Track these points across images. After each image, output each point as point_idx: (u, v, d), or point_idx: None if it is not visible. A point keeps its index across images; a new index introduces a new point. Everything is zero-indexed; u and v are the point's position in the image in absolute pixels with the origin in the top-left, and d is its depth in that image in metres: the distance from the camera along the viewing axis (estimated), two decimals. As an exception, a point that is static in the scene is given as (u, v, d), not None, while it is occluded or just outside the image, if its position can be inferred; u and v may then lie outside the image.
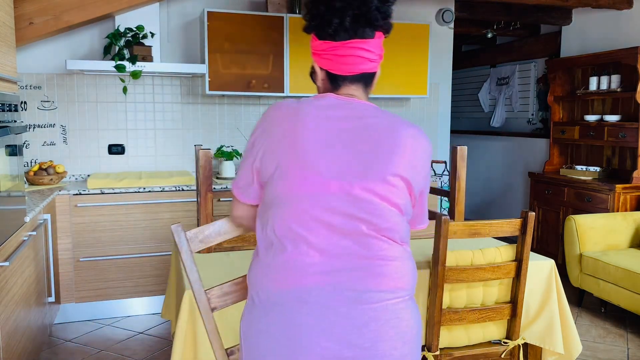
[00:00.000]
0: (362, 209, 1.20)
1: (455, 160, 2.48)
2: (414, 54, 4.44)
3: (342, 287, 1.19)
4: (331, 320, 1.18)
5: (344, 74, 1.30)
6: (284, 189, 1.22)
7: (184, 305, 1.79)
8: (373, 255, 1.21)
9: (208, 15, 3.89)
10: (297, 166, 1.21)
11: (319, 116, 1.24)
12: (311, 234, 1.20)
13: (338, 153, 1.21)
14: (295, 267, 1.21)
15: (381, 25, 1.28)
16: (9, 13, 2.64)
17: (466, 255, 2.04)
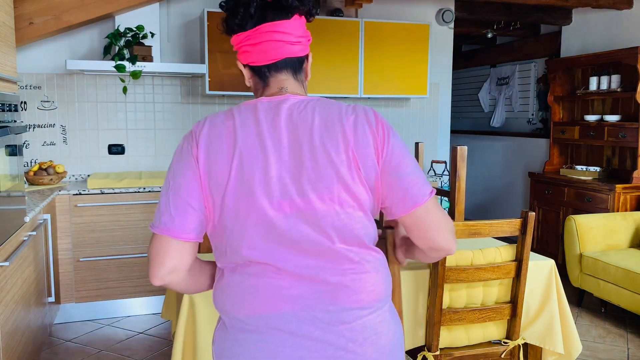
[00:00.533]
0: (325, 221, 1.08)
1: (455, 160, 2.48)
2: (414, 54, 4.44)
3: (313, 309, 1.10)
4: (306, 346, 1.09)
5: (265, 62, 1.18)
6: (236, 214, 1.09)
7: (184, 305, 1.79)
8: (343, 271, 1.10)
9: (208, 15, 3.89)
10: (244, 190, 1.08)
11: (256, 131, 1.10)
12: (276, 257, 1.09)
13: (287, 168, 1.09)
14: (264, 292, 1.10)
15: (296, 6, 1.15)
16: (9, 13, 2.64)
17: (466, 255, 2.04)
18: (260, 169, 1.08)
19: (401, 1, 4.78)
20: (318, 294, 1.10)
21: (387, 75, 4.40)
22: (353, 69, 4.30)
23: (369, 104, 4.79)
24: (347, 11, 4.49)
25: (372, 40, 4.32)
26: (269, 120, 1.11)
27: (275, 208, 1.08)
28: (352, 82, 4.31)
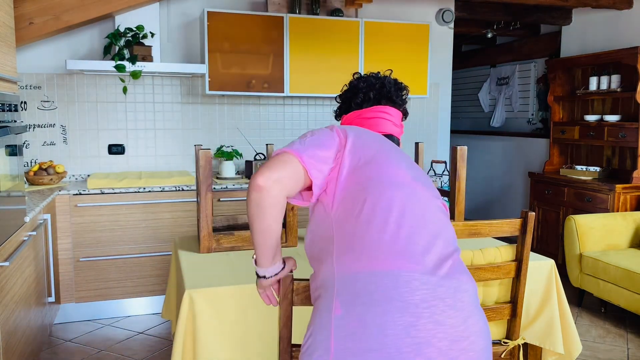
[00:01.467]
0: (438, 204, 1.34)
1: (455, 160, 2.48)
2: (414, 54, 4.44)
3: (447, 275, 1.21)
4: (440, 308, 1.16)
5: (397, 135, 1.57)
6: (381, 176, 1.28)
7: (184, 305, 1.79)
8: (457, 252, 1.30)
9: (208, 15, 3.89)
10: (388, 162, 1.31)
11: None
12: (413, 242, 1.23)
13: (409, 164, 1.36)
14: (402, 278, 1.18)
15: (398, 103, 1.58)
16: (9, 13, 2.64)
17: (466, 255, 2.04)
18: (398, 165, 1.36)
19: (401, 1, 4.78)
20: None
21: (387, 75, 4.39)
22: (353, 69, 4.30)
23: (369, 104, 4.78)
24: (347, 11, 4.50)
25: (372, 40, 4.32)
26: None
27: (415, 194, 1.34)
28: (352, 82, 4.30)
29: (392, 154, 1.32)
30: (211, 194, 2.26)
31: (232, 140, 4.43)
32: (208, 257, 2.21)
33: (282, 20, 4.08)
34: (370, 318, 1.13)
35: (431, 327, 1.12)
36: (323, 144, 1.27)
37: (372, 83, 1.55)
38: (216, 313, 1.82)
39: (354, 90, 1.58)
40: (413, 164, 1.36)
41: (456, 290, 1.18)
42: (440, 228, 1.26)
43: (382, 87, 1.56)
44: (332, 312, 1.18)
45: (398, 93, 1.59)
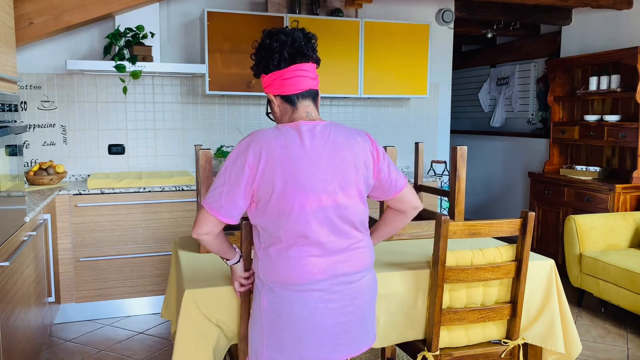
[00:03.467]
0: (346, 211, 1.60)
1: (455, 160, 2.48)
2: (414, 54, 4.44)
3: (339, 274, 1.60)
4: (332, 299, 1.59)
5: (295, 92, 1.65)
6: (290, 208, 1.53)
7: (184, 305, 1.80)
8: (354, 247, 1.63)
9: (208, 15, 3.89)
10: (295, 185, 1.53)
11: (302, 146, 1.56)
12: (316, 236, 1.56)
13: (324, 173, 1.56)
14: (307, 264, 1.56)
15: (311, 56, 1.73)
16: (9, 13, 2.64)
17: (466, 255, 2.04)
18: (307, 173, 1.54)
19: (401, 1, 4.78)
20: (342, 264, 1.62)
21: (387, 75, 4.40)
22: (353, 69, 4.30)
23: (369, 103, 4.79)
24: (347, 11, 4.50)
25: (372, 40, 4.32)
26: (308, 139, 1.58)
27: (318, 201, 1.55)
28: (352, 82, 4.31)
29: (303, 170, 1.54)
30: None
31: (232, 140, 4.43)
32: (208, 257, 2.21)
33: (282, 20, 4.08)
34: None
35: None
36: (232, 188, 1.54)
37: (284, 41, 1.63)
38: (216, 313, 1.82)
39: (269, 50, 1.64)
40: (328, 166, 1.57)
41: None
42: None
43: (293, 43, 1.65)
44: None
45: (308, 45, 1.71)
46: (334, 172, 1.57)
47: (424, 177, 4.49)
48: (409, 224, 2.56)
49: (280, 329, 1.58)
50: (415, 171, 2.88)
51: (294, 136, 1.57)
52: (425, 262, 2.15)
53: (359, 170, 1.61)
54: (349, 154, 1.60)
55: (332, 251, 1.58)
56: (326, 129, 1.62)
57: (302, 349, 1.58)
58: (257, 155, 1.53)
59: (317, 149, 1.57)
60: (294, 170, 1.53)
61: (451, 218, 2.46)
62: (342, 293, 1.60)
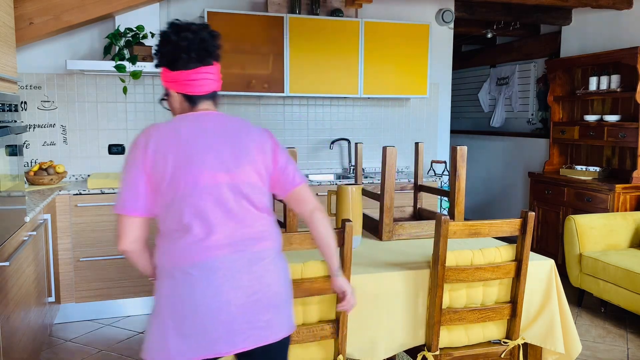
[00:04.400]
0: (246, 189, 1.57)
1: (455, 160, 2.48)
2: (414, 54, 4.44)
3: (240, 253, 1.55)
4: (236, 277, 1.53)
5: (199, 94, 1.64)
6: (184, 187, 1.52)
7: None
8: (255, 225, 1.59)
9: (208, 15, 3.89)
10: (188, 165, 1.53)
11: (195, 129, 1.59)
12: (212, 217, 1.53)
13: (217, 151, 1.56)
14: (206, 245, 1.52)
15: (217, 54, 1.67)
16: (9, 13, 2.64)
17: (466, 255, 2.04)
18: (202, 152, 1.55)
19: (401, 1, 4.78)
20: (243, 242, 1.59)
21: (387, 75, 4.40)
22: (353, 69, 4.30)
23: (369, 103, 4.79)
24: (347, 11, 4.50)
25: (372, 40, 4.32)
26: (203, 122, 1.61)
27: (214, 180, 1.54)
28: (352, 82, 4.31)
29: (193, 160, 1.55)
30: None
31: (232, 140, 4.42)
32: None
33: (282, 20, 4.08)
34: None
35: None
36: (132, 186, 1.56)
37: (191, 40, 1.60)
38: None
39: (175, 46, 1.61)
40: (224, 146, 1.58)
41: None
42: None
43: (201, 43, 1.62)
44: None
45: (215, 45, 1.66)
46: (230, 151, 1.57)
47: (424, 177, 4.49)
48: (408, 224, 2.57)
49: (183, 315, 1.50)
50: (415, 171, 2.88)
51: (187, 121, 1.61)
52: (425, 262, 2.15)
53: (257, 153, 1.62)
54: (247, 138, 1.63)
55: (231, 229, 1.54)
56: (221, 116, 1.66)
57: (209, 335, 1.49)
58: (146, 142, 1.58)
59: (212, 131, 1.60)
60: (186, 151, 1.54)
61: (451, 218, 2.46)
62: (246, 271, 1.54)
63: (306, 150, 4.66)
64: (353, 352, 1.99)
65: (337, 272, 1.77)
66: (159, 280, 1.58)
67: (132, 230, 1.55)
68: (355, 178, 2.89)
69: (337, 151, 4.78)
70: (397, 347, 2.06)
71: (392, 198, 2.49)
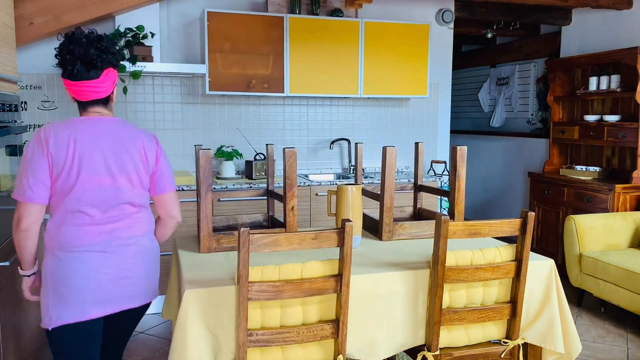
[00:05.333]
0: (124, 194, 1.87)
1: (455, 160, 2.48)
2: (414, 54, 4.44)
3: (114, 238, 1.87)
4: (109, 258, 1.85)
5: (86, 100, 1.94)
6: (74, 185, 1.80)
7: (183, 304, 1.80)
8: (129, 218, 1.91)
9: (208, 15, 3.89)
10: (79, 166, 1.81)
11: (89, 134, 1.87)
12: (94, 212, 1.84)
13: (105, 157, 1.84)
14: (85, 231, 1.84)
15: (102, 67, 1.87)
16: (9, 13, 2.64)
17: (466, 255, 2.04)
18: (91, 158, 1.83)
19: (401, 1, 4.78)
20: (118, 230, 1.90)
21: (387, 75, 4.40)
22: (353, 69, 4.30)
23: (369, 103, 4.79)
24: (347, 11, 4.50)
25: (372, 40, 4.32)
26: (92, 130, 1.88)
27: (98, 182, 1.83)
28: (352, 82, 4.31)
29: (83, 163, 1.82)
30: (211, 194, 2.27)
31: (232, 140, 4.43)
32: (208, 257, 2.21)
33: (282, 20, 4.08)
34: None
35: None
36: (35, 172, 1.78)
37: (77, 54, 1.82)
38: (216, 313, 1.82)
39: (63, 58, 1.85)
40: (119, 161, 1.87)
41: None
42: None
43: (85, 57, 1.82)
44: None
45: (102, 57, 1.86)
46: (115, 157, 1.85)
47: (424, 177, 4.49)
48: (408, 224, 2.57)
49: (64, 287, 1.81)
50: (415, 171, 2.88)
51: (83, 124, 1.89)
52: (425, 262, 2.15)
53: (140, 159, 1.90)
54: (133, 145, 1.89)
55: (109, 221, 1.86)
56: (113, 122, 1.93)
57: (85, 302, 1.82)
58: (46, 137, 1.79)
59: (102, 137, 1.87)
60: (80, 153, 1.81)
61: (451, 218, 2.46)
62: (118, 253, 1.86)
63: (306, 150, 4.67)
64: (353, 352, 1.99)
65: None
66: (44, 258, 1.88)
67: (35, 214, 1.82)
68: (355, 178, 2.89)
69: (337, 151, 4.78)
70: (397, 347, 2.06)
71: (392, 198, 2.49)
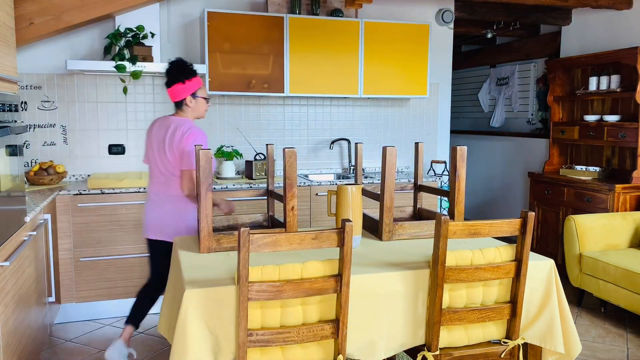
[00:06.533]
0: (163, 166, 2.83)
1: (455, 160, 2.48)
2: (414, 54, 4.44)
3: (156, 194, 2.90)
4: (154, 204, 2.91)
5: (172, 101, 2.92)
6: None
7: (183, 304, 1.80)
8: (166, 184, 2.86)
9: (208, 15, 3.89)
10: (150, 152, 2.92)
11: (154, 127, 2.94)
12: (150, 177, 2.95)
13: (159, 142, 2.85)
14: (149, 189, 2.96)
15: (176, 79, 2.85)
16: (9, 13, 2.64)
17: (466, 255, 2.04)
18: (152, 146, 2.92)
19: (401, 1, 4.78)
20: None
21: (387, 76, 4.40)
22: (353, 69, 4.30)
23: (369, 103, 4.79)
24: (347, 11, 4.50)
25: (372, 40, 4.32)
26: (159, 123, 2.93)
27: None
28: (352, 82, 4.31)
29: (148, 145, 2.94)
30: (211, 194, 2.27)
31: (232, 140, 4.43)
32: (208, 257, 2.21)
33: (282, 20, 4.08)
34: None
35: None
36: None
37: (172, 71, 2.87)
38: (216, 313, 1.82)
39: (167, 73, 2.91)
40: (158, 143, 2.85)
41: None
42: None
43: (167, 72, 2.89)
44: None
45: (186, 75, 2.86)
46: (162, 143, 2.82)
47: (424, 177, 4.49)
48: (408, 224, 2.57)
49: (145, 218, 2.99)
50: (415, 171, 2.88)
51: (159, 120, 2.96)
52: (425, 262, 2.15)
53: (176, 143, 2.75)
54: (173, 134, 2.78)
55: (153, 183, 2.92)
56: (172, 119, 2.88)
57: (145, 227, 2.97)
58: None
59: (164, 128, 2.85)
60: (152, 141, 2.93)
61: (451, 218, 2.46)
62: (156, 204, 2.89)
63: (306, 150, 4.67)
64: (353, 352, 1.99)
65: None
66: (178, 205, 2.88)
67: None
68: (355, 178, 2.89)
69: (337, 151, 4.78)
70: (397, 347, 2.06)
71: (392, 198, 2.49)
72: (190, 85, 2.83)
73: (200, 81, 2.90)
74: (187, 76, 2.82)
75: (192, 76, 2.85)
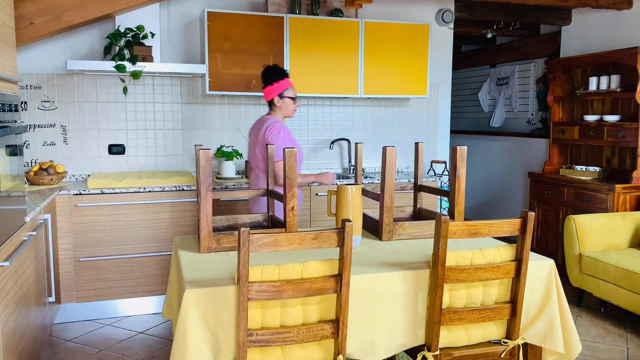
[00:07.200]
0: (257, 158, 3.18)
1: (455, 160, 2.48)
2: (414, 54, 4.44)
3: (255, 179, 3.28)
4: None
5: (266, 101, 3.26)
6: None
7: (184, 304, 1.80)
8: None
9: (208, 15, 3.89)
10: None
11: (253, 127, 3.29)
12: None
13: (253, 137, 3.22)
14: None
15: (278, 79, 3.17)
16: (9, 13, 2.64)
17: (466, 255, 2.04)
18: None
19: (401, 1, 4.78)
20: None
21: (387, 75, 4.40)
22: (353, 69, 4.30)
23: (369, 103, 4.79)
24: (347, 11, 4.50)
25: (372, 40, 4.32)
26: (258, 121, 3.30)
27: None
28: (352, 82, 4.31)
29: (250, 140, 3.27)
30: (211, 194, 2.27)
31: (232, 140, 4.43)
32: (208, 257, 2.21)
33: (282, 20, 4.08)
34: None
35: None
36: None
37: (264, 74, 3.20)
38: (216, 313, 1.82)
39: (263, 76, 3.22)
40: (253, 140, 3.20)
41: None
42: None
43: (262, 76, 3.22)
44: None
45: (275, 78, 3.18)
46: (255, 138, 3.17)
47: (424, 177, 4.49)
48: (408, 224, 2.57)
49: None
50: (415, 171, 2.88)
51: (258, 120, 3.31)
52: (425, 262, 2.15)
53: (261, 137, 3.08)
54: (261, 129, 3.11)
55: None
56: (264, 117, 3.23)
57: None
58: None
59: (258, 124, 3.19)
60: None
61: (451, 218, 2.46)
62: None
63: (306, 150, 4.67)
64: (353, 352, 1.99)
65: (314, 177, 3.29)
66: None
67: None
68: (355, 178, 2.89)
69: (337, 151, 4.78)
70: (397, 347, 2.06)
71: (392, 198, 2.49)
72: (277, 86, 3.14)
73: (288, 82, 3.18)
74: (275, 78, 3.13)
75: (280, 78, 3.14)
